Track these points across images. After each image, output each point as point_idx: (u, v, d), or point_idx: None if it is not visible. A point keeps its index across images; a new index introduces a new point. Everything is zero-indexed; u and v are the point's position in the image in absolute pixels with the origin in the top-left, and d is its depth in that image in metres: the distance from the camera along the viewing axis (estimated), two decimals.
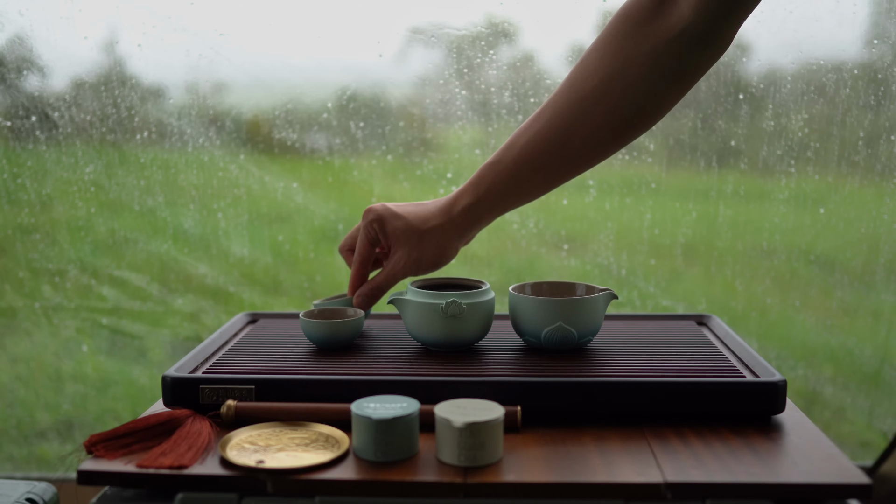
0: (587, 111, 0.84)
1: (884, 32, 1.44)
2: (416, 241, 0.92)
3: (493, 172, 0.89)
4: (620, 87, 0.83)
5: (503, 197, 0.90)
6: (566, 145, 0.86)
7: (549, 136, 0.86)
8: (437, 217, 0.91)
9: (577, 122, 0.85)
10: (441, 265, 0.94)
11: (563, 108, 0.85)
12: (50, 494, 1.03)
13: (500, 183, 0.89)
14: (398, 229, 0.93)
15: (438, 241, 0.92)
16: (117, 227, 1.60)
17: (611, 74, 0.83)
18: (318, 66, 1.54)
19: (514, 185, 0.89)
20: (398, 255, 0.93)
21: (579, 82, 0.84)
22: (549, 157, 0.87)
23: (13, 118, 1.53)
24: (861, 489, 0.68)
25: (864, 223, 1.50)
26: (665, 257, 1.55)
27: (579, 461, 0.72)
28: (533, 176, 0.88)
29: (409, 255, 0.92)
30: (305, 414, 0.80)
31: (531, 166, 0.87)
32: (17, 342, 1.65)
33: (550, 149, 0.86)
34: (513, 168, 0.88)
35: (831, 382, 1.57)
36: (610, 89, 0.83)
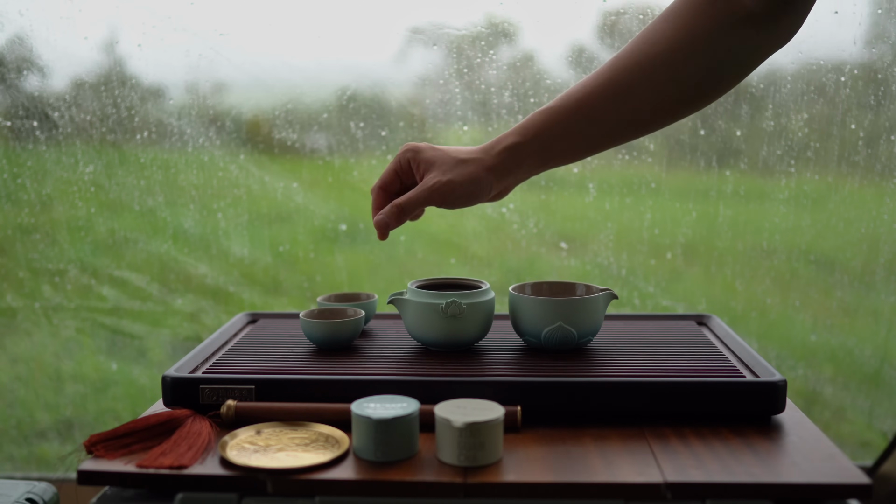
0: (649, 76, 0.84)
1: (884, 32, 1.44)
2: (451, 166, 0.88)
3: (543, 117, 0.87)
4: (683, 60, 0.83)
5: (549, 144, 0.87)
6: (622, 104, 0.85)
7: (609, 92, 0.85)
8: (477, 151, 0.89)
9: (638, 83, 0.84)
10: (472, 199, 0.89)
11: (626, 67, 0.85)
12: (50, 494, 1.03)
13: (550, 129, 0.87)
14: (434, 156, 0.89)
15: (473, 171, 0.87)
16: (117, 227, 1.60)
17: (676, 46, 0.82)
18: (318, 66, 1.54)
19: (562, 135, 0.87)
20: (429, 177, 0.89)
21: (647, 46, 0.84)
22: (605, 112, 0.86)
23: (13, 118, 1.53)
24: (861, 489, 0.68)
25: (864, 223, 1.50)
26: (665, 257, 1.55)
27: (579, 461, 0.72)
28: (585, 128, 0.87)
29: (441, 175, 0.88)
30: (305, 414, 0.80)
31: (586, 118, 0.86)
32: (17, 342, 1.65)
33: (607, 104, 0.85)
34: (565, 116, 0.86)
35: (831, 382, 1.57)
36: (673, 60, 0.83)
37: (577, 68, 1.51)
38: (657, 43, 0.84)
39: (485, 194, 0.89)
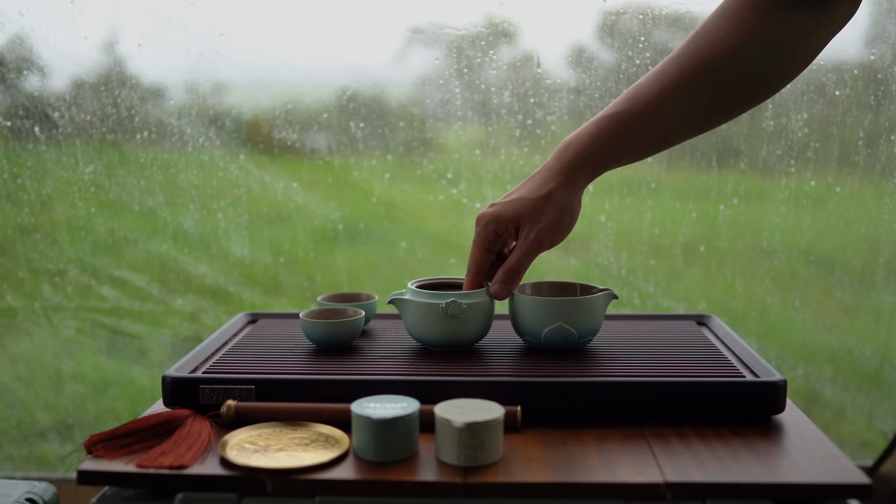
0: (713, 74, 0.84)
1: (884, 32, 1.44)
2: (539, 210, 0.87)
3: (614, 123, 0.86)
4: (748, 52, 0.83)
5: (622, 148, 0.87)
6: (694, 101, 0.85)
7: (676, 94, 0.85)
8: (552, 179, 0.87)
9: (703, 83, 0.84)
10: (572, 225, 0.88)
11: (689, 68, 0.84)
12: (50, 494, 1.03)
13: (620, 135, 0.86)
14: (518, 209, 0.88)
15: (565, 201, 0.87)
16: (117, 227, 1.60)
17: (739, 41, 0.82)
18: (318, 66, 1.54)
19: (632, 139, 0.86)
20: (529, 228, 0.87)
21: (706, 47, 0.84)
22: (673, 114, 0.86)
23: (13, 118, 1.53)
24: (861, 489, 0.68)
25: (864, 223, 1.50)
26: (665, 257, 1.55)
27: (579, 461, 0.72)
28: (652, 130, 0.86)
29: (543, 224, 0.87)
30: (305, 414, 0.80)
31: (654, 121, 0.86)
32: (17, 342, 1.65)
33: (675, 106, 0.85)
34: (635, 121, 0.86)
35: (831, 382, 1.57)
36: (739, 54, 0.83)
37: (577, 68, 1.51)
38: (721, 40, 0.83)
39: (578, 212, 0.89)
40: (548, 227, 0.87)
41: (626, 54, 1.46)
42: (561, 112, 1.51)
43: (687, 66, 0.85)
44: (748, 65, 0.83)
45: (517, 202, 0.88)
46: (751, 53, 0.83)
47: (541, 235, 0.87)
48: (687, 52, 0.85)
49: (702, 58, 0.84)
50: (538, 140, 1.51)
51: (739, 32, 0.83)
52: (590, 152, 0.87)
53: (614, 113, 0.87)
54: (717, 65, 0.83)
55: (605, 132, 0.87)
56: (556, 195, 0.87)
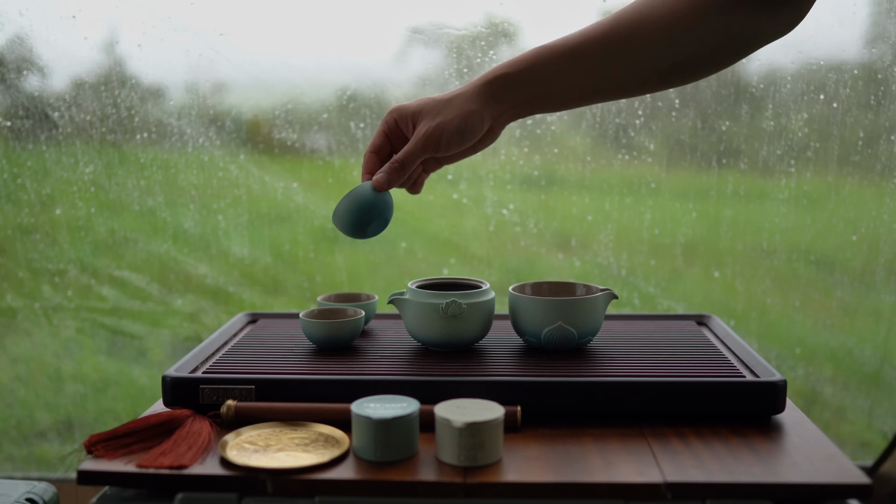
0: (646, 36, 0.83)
1: (884, 32, 1.44)
2: (437, 110, 0.86)
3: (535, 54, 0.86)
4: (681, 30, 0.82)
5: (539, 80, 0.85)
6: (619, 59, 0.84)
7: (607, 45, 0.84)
8: (462, 88, 0.87)
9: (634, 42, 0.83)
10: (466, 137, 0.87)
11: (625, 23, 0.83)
12: (50, 494, 1.03)
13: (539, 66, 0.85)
14: (419, 105, 0.88)
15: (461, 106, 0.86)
16: (117, 227, 1.60)
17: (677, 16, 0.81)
18: (318, 66, 1.54)
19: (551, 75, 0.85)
20: (419, 127, 0.87)
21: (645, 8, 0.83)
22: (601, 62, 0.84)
23: (13, 118, 1.53)
24: (861, 489, 0.68)
25: (864, 223, 1.50)
26: (665, 257, 1.55)
27: (579, 461, 0.72)
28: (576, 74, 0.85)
29: (431, 120, 0.86)
30: (305, 414, 0.80)
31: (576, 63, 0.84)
32: (17, 342, 1.65)
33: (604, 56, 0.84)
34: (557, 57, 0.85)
35: (831, 382, 1.57)
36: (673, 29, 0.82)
37: None
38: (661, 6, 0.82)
39: (477, 129, 0.87)
40: (439, 127, 0.85)
41: None
42: (560, 112, 1.51)
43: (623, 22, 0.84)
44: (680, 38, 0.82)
45: (424, 100, 0.88)
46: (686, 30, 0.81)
47: (431, 132, 0.86)
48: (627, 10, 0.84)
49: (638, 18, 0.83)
50: (538, 140, 1.51)
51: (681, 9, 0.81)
52: (504, 72, 0.85)
53: (541, 46, 0.86)
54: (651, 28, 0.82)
55: (526, 59, 0.86)
56: (458, 99, 0.86)
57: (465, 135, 0.86)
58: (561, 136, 1.51)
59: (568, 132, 1.52)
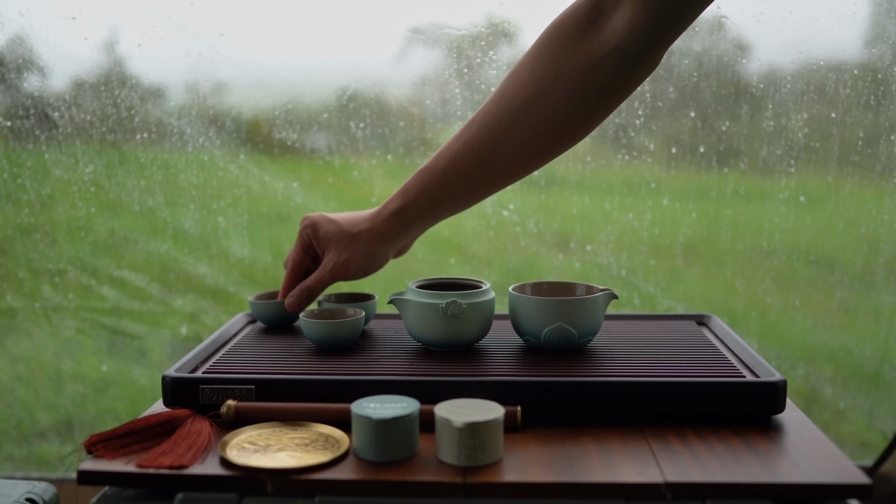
0: (517, 123, 0.84)
1: (884, 32, 1.44)
2: (345, 244, 0.94)
3: (422, 179, 0.90)
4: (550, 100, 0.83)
5: (432, 204, 0.90)
6: (495, 156, 0.87)
7: (479, 147, 0.87)
8: (366, 222, 0.93)
9: (507, 133, 0.85)
10: (371, 270, 0.95)
11: (492, 119, 0.86)
12: (50, 494, 1.03)
13: (429, 190, 0.90)
14: (329, 232, 0.94)
15: (367, 245, 0.93)
16: (117, 227, 1.60)
17: (541, 88, 0.83)
18: (318, 66, 1.54)
19: (443, 193, 0.90)
20: (328, 257, 0.95)
21: (510, 94, 0.85)
22: (478, 166, 0.88)
23: (13, 118, 1.53)
24: (861, 489, 0.68)
25: (864, 223, 1.50)
26: (665, 257, 1.55)
27: (579, 461, 0.72)
28: (462, 184, 0.89)
29: (338, 256, 0.94)
30: (305, 414, 0.80)
31: (460, 175, 0.88)
32: (17, 342, 1.65)
33: (479, 159, 0.87)
34: (442, 176, 0.89)
35: (831, 382, 1.57)
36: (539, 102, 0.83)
37: None
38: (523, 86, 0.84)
39: (382, 262, 0.95)
40: (347, 262, 0.94)
41: None
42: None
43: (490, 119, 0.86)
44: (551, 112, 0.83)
45: (334, 227, 0.95)
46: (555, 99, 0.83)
47: (337, 268, 0.94)
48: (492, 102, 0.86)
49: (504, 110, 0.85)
50: None
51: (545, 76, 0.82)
52: (397, 206, 0.91)
53: (424, 168, 0.90)
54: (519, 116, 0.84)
55: (414, 187, 0.90)
56: (362, 237, 0.93)
57: (370, 269, 0.96)
58: None
59: None
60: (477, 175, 0.88)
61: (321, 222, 0.95)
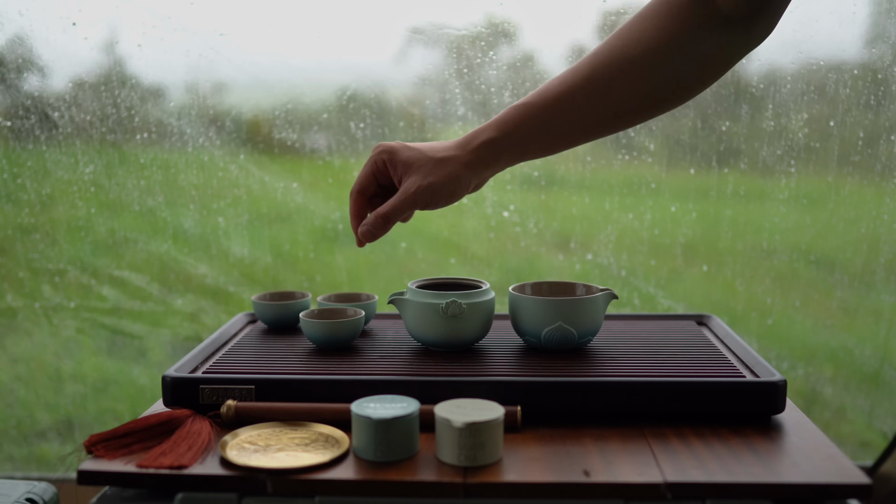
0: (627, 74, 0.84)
1: (884, 32, 1.44)
2: (430, 168, 0.88)
3: (520, 112, 0.87)
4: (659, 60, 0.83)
5: (526, 139, 0.87)
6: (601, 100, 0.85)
7: (587, 89, 0.85)
8: (453, 148, 0.89)
9: (616, 82, 0.85)
10: (454, 198, 0.89)
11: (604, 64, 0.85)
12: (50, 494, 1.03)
13: (527, 123, 0.87)
14: (411, 157, 0.89)
15: (452, 170, 0.88)
16: (117, 227, 1.60)
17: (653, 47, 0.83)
18: (318, 66, 1.54)
19: (540, 129, 0.87)
20: (409, 181, 0.88)
21: (624, 45, 0.84)
22: (582, 108, 0.86)
23: (13, 118, 1.53)
24: (861, 489, 0.68)
25: (864, 223, 1.50)
26: (665, 257, 1.55)
27: (579, 461, 0.72)
28: (561, 124, 0.87)
29: (422, 180, 0.87)
30: (305, 414, 0.80)
31: (563, 113, 0.86)
32: (17, 342, 1.65)
33: (585, 101, 0.85)
34: (543, 111, 0.86)
35: (831, 382, 1.57)
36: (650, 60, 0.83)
37: None
38: (635, 43, 0.84)
39: (464, 191, 0.89)
40: (429, 188, 0.87)
41: None
42: None
43: (599, 64, 0.85)
44: (659, 70, 0.84)
45: (416, 152, 0.89)
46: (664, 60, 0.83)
47: (420, 192, 0.87)
48: (602, 51, 0.86)
49: (615, 58, 0.84)
50: None
51: (657, 38, 0.83)
52: (492, 136, 0.87)
53: (522, 103, 0.88)
54: (630, 66, 0.84)
55: (511, 120, 0.87)
56: (449, 162, 0.88)
57: (451, 197, 0.89)
58: None
59: None
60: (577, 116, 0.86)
61: (399, 148, 0.90)
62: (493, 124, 0.88)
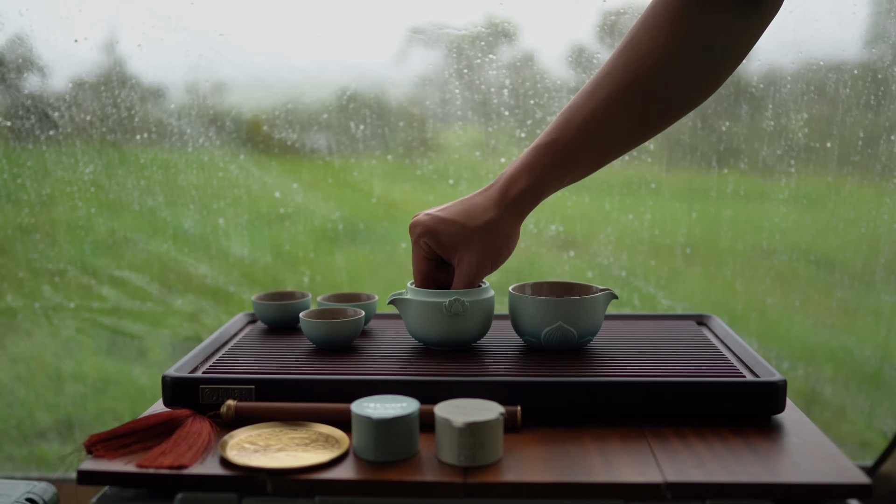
0: (647, 90, 0.83)
1: (884, 32, 1.44)
2: (478, 239, 0.88)
3: (549, 153, 0.87)
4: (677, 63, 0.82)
5: (561, 176, 0.87)
6: (629, 116, 0.85)
7: (609, 114, 0.85)
8: (492, 209, 0.88)
9: (637, 100, 0.84)
10: (510, 250, 0.91)
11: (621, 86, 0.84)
12: (50, 494, 1.03)
13: (558, 162, 0.87)
14: (454, 235, 0.89)
15: (504, 232, 0.88)
16: (117, 227, 1.60)
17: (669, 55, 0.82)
18: (318, 66, 1.54)
19: (573, 163, 0.87)
20: (468, 259, 0.89)
21: (637, 62, 0.83)
22: (609, 133, 0.86)
23: (13, 118, 1.53)
24: (861, 489, 0.68)
25: (864, 223, 1.50)
26: (665, 257, 1.55)
27: (579, 461, 0.72)
28: (592, 152, 0.87)
29: (481, 254, 0.88)
30: (305, 414, 0.80)
31: (591, 143, 0.86)
32: (17, 342, 1.65)
33: (611, 125, 0.85)
34: (572, 146, 0.86)
35: (831, 382, 1.57)
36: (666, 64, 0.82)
37: (577, 68, 1.51)
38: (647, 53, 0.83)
39: (515, 241, 0.91)
40: (486, 257, 0.89)
41: None
42: None
43: (617, 83, 0.84)
44: (682, 76, 0.83)
45: (456, 227, 0.89)
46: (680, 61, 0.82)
47: (480, 264, 0.89)
48: (615, 70, 0.85)
49: (631, 74, 0.84)
50: None
51: (668, 41, 0.82)
52: (529, 184, 0.88)
53: (549, 142, 0.87)
54: (647, 78, 0.83)
55: (541, 162, 0.87)
56: (495, 225, 0.88)
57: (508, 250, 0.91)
58: None
59: None
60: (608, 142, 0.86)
61: (437, 227, 0.89)
62: (524, 170, 0.88)
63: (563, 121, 0.87)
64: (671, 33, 0.82)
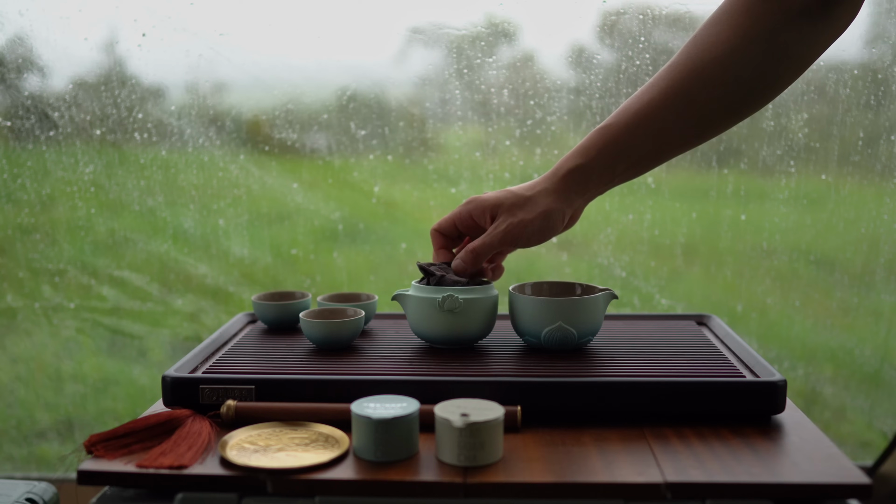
0: (708, 81, 0.83)
1: (884, 32, 1.44)
2: (519, 206, 0.88)
3: (602, 135, 0.86)
4: (740, 61, 0.81)
5: (612, 161, 0.86)
6: (685, 112, 0.84)
7: (667, 103, 0.84)
8: (540, 183, 0.88)
9: (696, 92, 0.83)
10: (547, 235, 0.89)
11: (683, 75, 0.83)
12: (50, 494, 1.03)
13: (611, 145, 0.86)
14: (498, 198, 0.89)
15: (544, 205, 0.87)
16: (117, 227, 1.60)
17: (731, 48, 0.81)
18: (318, 66, 1.54)
19: (624, 149, 0.86)
20: (500, 220, 0.89)
21: (697, 55, 0.83)
22: (666, 123, 0.84)
23: (13, 118, 1.53)
24: (861, 489, 0.68)
25: (864, 223, 1.50)
26: (665, 257, 1.55)
27: (579, 461, 0.72)
28: (645, 141, 0.85)
29: (512, 217, 0.88)
30: (305, 414, 0.80)
31: (645, 132, 0.85)
32: (17, 342, 1.65)
33: (668, 115, 0.84)
34: (625, 132, 0.85)
35: (831, 382, 1.57)
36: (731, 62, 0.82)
37: (577, 68, 1.51)
38: (710, 47, 0.82)
39: (559, 224, 0.89)
40: (521, 224, 0.88)
41: (626, 54, 1.46)
42: (561, 112, 1.51)
43: (677, 75, 0.84)
44: (741, 72, 0.82)
45: (503, 192, 0.90)
46: (741, 60, 0.81)
47: (511, 229, 0.88)
48: (678, 61, 0.84)
49: (693, 67, 0.83)
50: (538, 140, 1.51)
51: (732, 39, 0.81)
52: (578, 163, 0.87)
53: (604, 126, 0.87)
54: (708, 73, 0.82)
55: (594, 145, 0.86)
56: (539, 197, 0.88)
57: (546, 232, 0.88)
58: (561, 135, 1.51)
59: (568, 132, 1.52)
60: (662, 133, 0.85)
61: (486, 196, 0.90)
62: (577, 152, 0.87)
63: (622, 108, 0.87)
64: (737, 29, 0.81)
